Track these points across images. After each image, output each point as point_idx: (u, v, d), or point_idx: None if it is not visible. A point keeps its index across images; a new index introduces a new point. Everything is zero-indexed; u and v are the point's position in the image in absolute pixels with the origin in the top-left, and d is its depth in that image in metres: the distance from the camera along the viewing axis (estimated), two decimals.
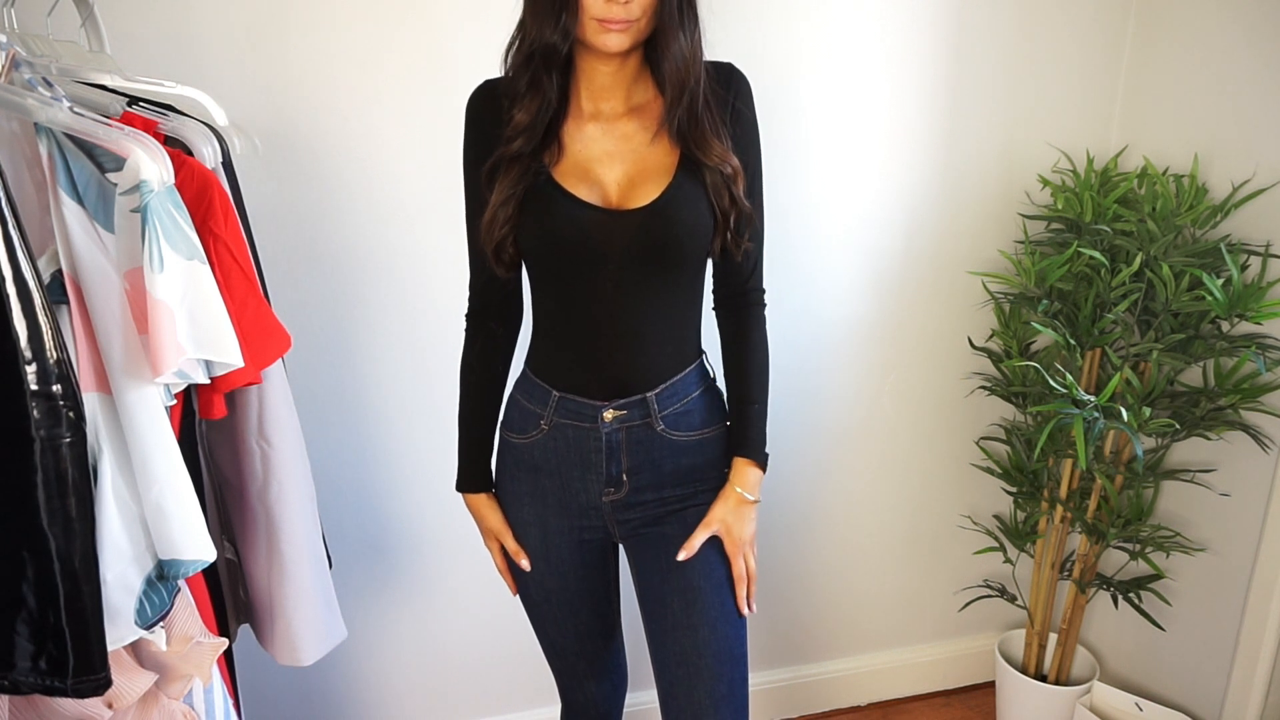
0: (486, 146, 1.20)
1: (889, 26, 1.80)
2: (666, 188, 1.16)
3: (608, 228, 1.15)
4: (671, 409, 1.25)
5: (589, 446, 1.24)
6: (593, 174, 1.17)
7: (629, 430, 1.24)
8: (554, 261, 1.20)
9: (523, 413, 1.29)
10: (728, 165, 1.16)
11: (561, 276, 1.20)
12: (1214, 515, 1.84)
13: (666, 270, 1.19)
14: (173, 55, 1.49)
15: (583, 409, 1.23)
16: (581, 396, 1.23)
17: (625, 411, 1.23)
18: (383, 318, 1.72)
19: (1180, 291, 1.64)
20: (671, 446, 1.26)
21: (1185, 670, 1.96)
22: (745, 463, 1.28)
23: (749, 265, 1.27)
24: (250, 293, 1.13)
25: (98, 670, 0.95)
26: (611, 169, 1.18)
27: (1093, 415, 1.59)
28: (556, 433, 1.26)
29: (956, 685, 2.30)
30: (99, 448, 0.98)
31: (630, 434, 1.24)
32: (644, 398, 1.23)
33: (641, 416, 1.23)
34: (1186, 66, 1.83)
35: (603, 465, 1.25)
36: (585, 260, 1.17)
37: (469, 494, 1.36)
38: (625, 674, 1.49)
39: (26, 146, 1.01)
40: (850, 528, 2.11)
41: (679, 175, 1.16)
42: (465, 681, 1.99)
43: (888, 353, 2.01)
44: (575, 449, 1.25)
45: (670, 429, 1.25)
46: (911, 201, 1.91)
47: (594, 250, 1.16)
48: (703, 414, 1.28)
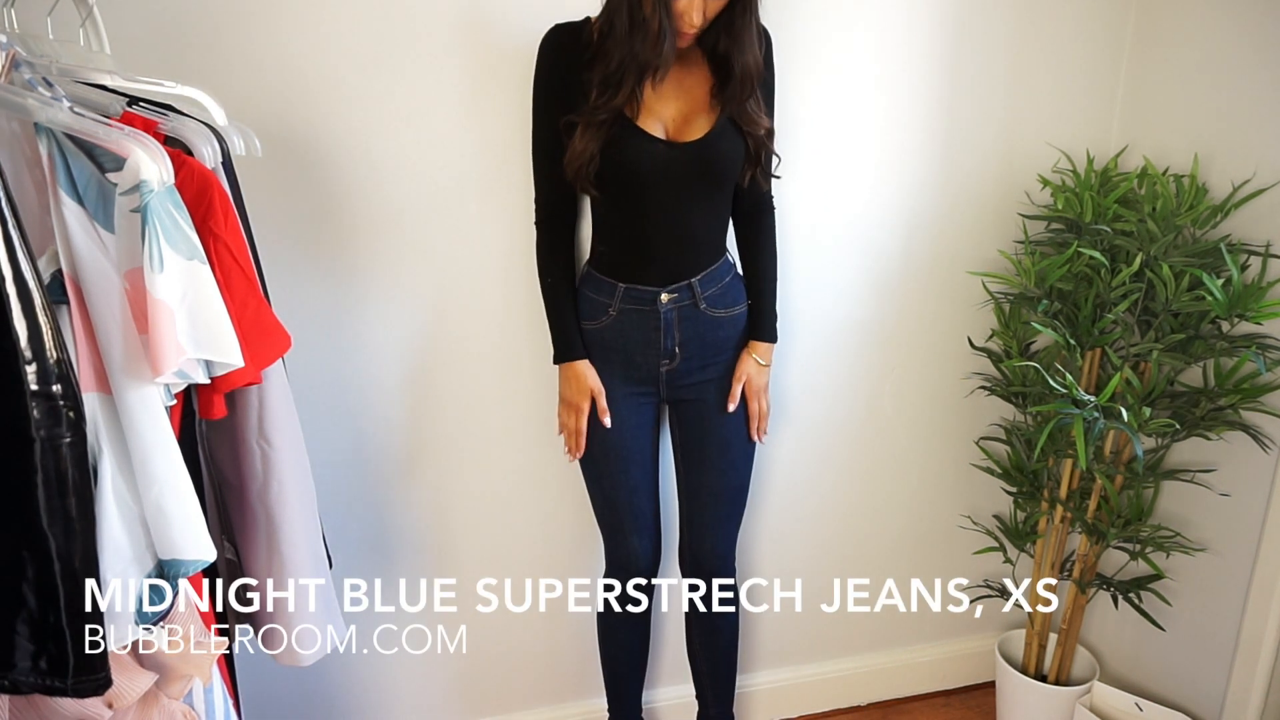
0: (562, 84, 1.47)
1: (889, 26, 1.80)
2: (714, 126, 1.49)
3: (668, 157, 1.48)
4: (711, 291, 1.60)
5: (649, 325, 1.59)
6: (655, 109, 1.48)
7: (680, 309, 1.59)
8: (629, 185, 1.49)
9: (591, 304, 1.61)
10: (760, 128, 1.50)
11: (631, 195, 1.51)
12: (1214, 515, 1.84)
13: (710, 187, 1.54)
14: (173, 55, 1.49)
15: (644, 295, 1.57)
16: (644, 285, 1.57)
17: (677, 294, 1.58)
18: (383, 317, 1.72)
19: (1180, 291, 1.64)
20: (711, 322, 1.61)
21: (1185, 670, 1.96)
22: (758, 342, 1.67)
23: (767, 183, 1.63)
24: (250, 293, 1.13)
25: (98, 670, 0.95)
26: (669, 105, 1.49)
27: (1093, 415, 1.59)
28: (622, 317, 1.59)
29: (956, 685, 2.30)
30: (99, 448, 0.98)
31: (681, 312, 1.59)
32: (690, 283, 1.58)
33: (689, 298, 1.59)
34: (1186, 66, 1.83)
35: (660, 340, 1.59)
36: (651, 183, 1.49)
37: (569, 362, 1.63)
38: (660, 536, 1.75)
39: (26, 146, 1.01)
40: (850, 527, 2.11)
41: (721, 116, 1.49)
42: (465, 681, 1.99)
43: (888, 353, 2.01)
44: (639, 328, 1.59)
45: (711, 307, 1.60)
46: (911, 201, 1.91)
47: (659, 174, 1.48)
48: (733, 294, 1.64)
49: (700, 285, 1.59)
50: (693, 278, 1.58)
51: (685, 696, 1.97)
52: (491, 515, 1.89)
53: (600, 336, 1.62)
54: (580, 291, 1.63)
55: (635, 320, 1.59)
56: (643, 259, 1.56)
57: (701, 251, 1.58)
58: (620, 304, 1.58)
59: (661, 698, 2.08)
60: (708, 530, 1.72)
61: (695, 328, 1.60)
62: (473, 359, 1.78)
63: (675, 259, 1.57)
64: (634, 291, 1.58)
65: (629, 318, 1.59)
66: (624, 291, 1.58)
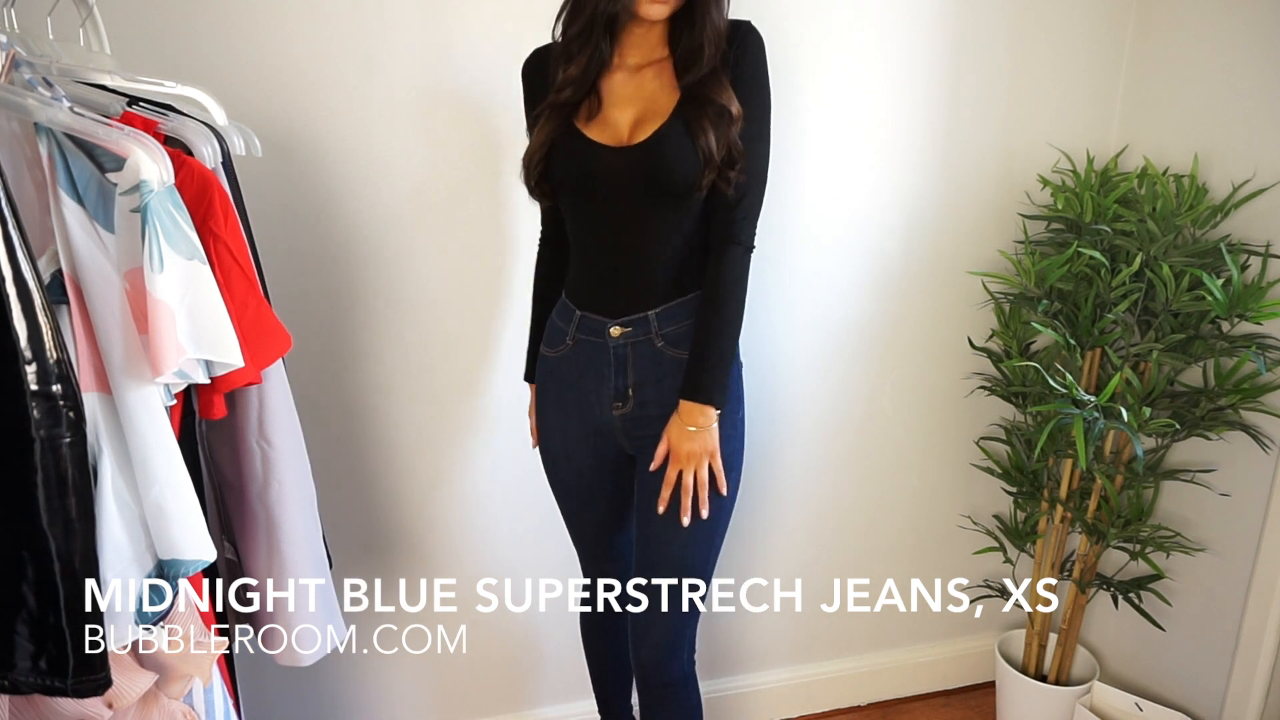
0: (540, 102, 1.39)
1: (889, 26, 1.80)
2: (661, 125, 1.32)
3: (614, 162, 1.33)
4: (671, 328, 1.40)
5: (601, 360, 1.41)
6: (610, 116, 1.36)
7: (634, 345, 1.40)
8: (573, 193, 1.38)
9: (553, 329, 1.49)
10: (733, 105, 1.31)
11: (579, 205, 1.39)
12: (1214, 515, 1.84)
13: (660, 196, 1.34)
14: (173, 55, 1.49)
15: (597, 325, 1.41)
16: (596, 314, 1.41)
17: (630, 328, 1.39)
18: (383, 317, 1.72)
19: (1180, 291, 1.64)
20: (672, 363, 1.40)
21: (1185, 670, 1.96)
22: (684, 400, 1.38)
23: (737, 199, 1.36)
24: (250, 292, 1.13)
25: (98, 670, 0.95)
26: (625, 111, 1.36)
27: (1093, 415, 1.59)
28: (579, 348, 1.44)
29: (956, 685, 2.30)
30: (99, 448, 0.98)
31: (635, 349, 1.40)
32: (646, 315, 1.39)
33: (644, 333, 1.39)
34: (1186, 66, 1.83)
35: (612, 378, 1.42)
36: (597, 190, 1.35)
37: (529, 382, 1.60)
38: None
39: (27, 146, 1.01)
40: (850, 527, 2.11)
41: (674, 115, 1.32)
42: (465, 681, 1.99)
43: (888, 353, 2.01)
44: (591, 363, 1.43)
45: (670, 345, 1.40)
46: (911, 201, 1.91)
47: (603, 181, 1.34)
48: None
49: (658, 320, 1.38)
50: (649, 310, 1.38)
51: None
52: (492, 515, 1.89)
53: (557, 367, 1.47)
54: (550, 316, 1.51)
55: (589, 353, 1.42)
56: (596, 284, 1.41)
57: (659, 280, 1.38)
58: (576, 333, 1.43)
59: None
60: (639, 629, 1.48)
61: (652, 368, 1.40)
62: (473, 359, 1.78)
63: (628, 285, 1.38)
64: (588, 321, 1.42)
65: (584, 349, 1.43)
66: (579, 320, 1.43)
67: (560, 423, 1.50)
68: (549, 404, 1.51)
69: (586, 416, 1.46)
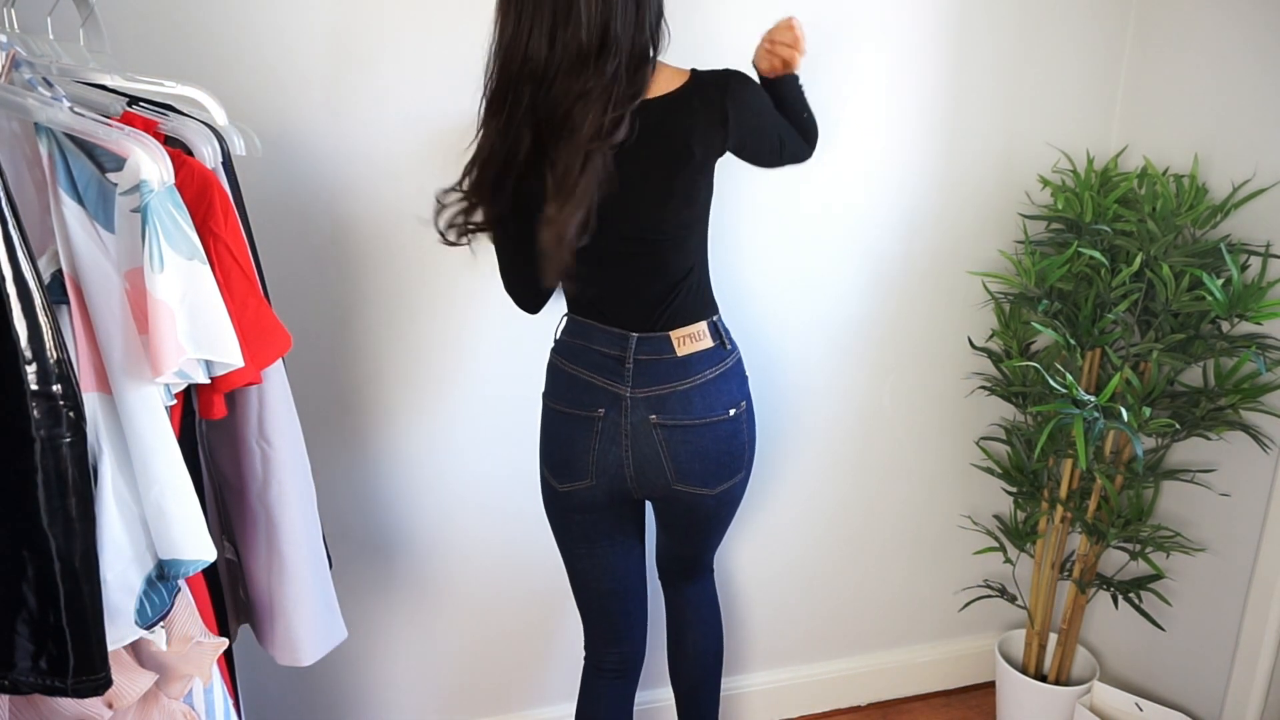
0: None
1: (889, 27, 1.80)
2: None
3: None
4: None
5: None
6: None
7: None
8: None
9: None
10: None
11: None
12: (1214, 515, 1.84)
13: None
14: (173, 55, 1.49)
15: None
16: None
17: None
18: (383, 317, 1.72)
19: (1180, 291, 1.64)
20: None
21: (1185, 670, 1.96)
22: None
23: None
24: (250, 292, 1.13)
25: (98, 670, 0.95)
26: None
27: (1093, 415, 1.59)
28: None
29: (956, 685, 2.30)
30: (99, 448, 0.98)
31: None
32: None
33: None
34: (1186, 66, 1.83)
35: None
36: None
37: None
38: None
39: (27, 146, 1.01)
40: (850, 528, 2.11)
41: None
42: (465, 681, 1.99)
43: (888, 353, 2.01)
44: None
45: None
46: (912, 201, 1.91)
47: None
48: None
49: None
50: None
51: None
52: (492, 515, 1.89)
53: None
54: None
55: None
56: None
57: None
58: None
59: (663, 698, 2.08)
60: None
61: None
62: (473, 358, 1.78)
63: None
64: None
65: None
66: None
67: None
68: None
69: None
